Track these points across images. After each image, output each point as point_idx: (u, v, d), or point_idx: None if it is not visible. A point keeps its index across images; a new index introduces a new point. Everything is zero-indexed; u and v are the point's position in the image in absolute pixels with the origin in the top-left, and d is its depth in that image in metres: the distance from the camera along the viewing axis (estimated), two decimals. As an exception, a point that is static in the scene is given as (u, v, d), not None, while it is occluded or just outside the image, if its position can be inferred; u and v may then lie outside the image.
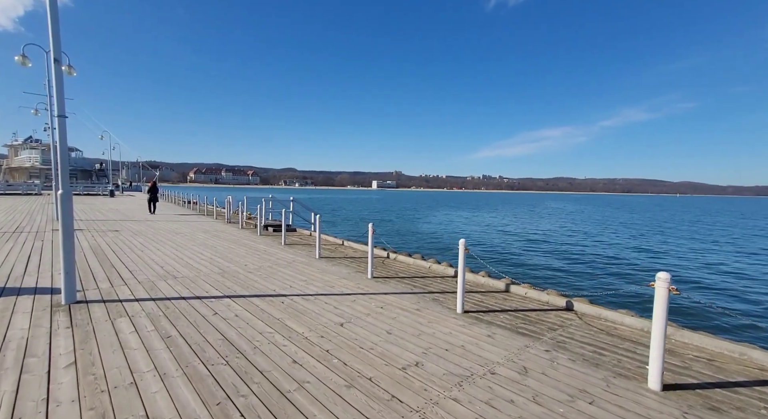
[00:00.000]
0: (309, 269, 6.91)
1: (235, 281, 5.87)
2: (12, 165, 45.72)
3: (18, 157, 46.38)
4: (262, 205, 12.16)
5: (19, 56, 12.83)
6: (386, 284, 5.99)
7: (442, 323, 4.31)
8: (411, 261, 7.72)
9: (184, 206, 22.62)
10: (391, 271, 6.94)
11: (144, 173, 53.99)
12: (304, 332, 3.92)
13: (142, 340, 3.59)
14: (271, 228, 12.25)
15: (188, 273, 6.25)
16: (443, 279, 6.41)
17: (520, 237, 22.81)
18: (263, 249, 8.89)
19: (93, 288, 5.26)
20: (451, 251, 16.85)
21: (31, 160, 43.66)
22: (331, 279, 6.22)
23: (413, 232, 24.40)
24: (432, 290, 5.71)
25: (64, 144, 4.57)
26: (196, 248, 8.67)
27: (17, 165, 44.91)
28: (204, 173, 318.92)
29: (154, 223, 13.35)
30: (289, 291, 5.39)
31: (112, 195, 31.80)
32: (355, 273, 6.66)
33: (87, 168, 48.90)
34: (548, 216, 43.21)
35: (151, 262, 7.00)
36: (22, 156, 45.53)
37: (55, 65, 4.47)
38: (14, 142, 48.05)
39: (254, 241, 10.02)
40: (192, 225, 13.22)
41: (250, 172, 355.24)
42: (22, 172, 43.83)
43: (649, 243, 21.84)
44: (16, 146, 47.55)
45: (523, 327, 4.21)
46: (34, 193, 31.92)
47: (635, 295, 9.27)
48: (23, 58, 12.94)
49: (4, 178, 43.15)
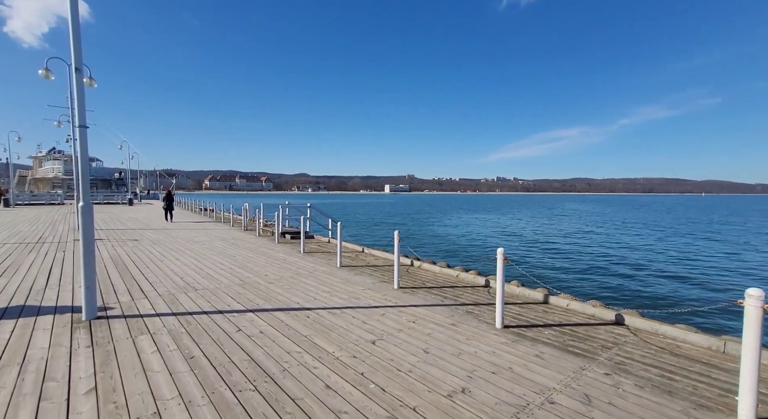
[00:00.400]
0: (332, 279, 6.64)
1: (256, 293, 5.64)
2: (36, 175, 47.29)
3: (42, 168, 47.97)
4: (279, 212, 12.01)
5: (42, 69, 13.09)
6: (414, 295, 5.67)
7: (482, 340, 3.96)
8: (437, 269, 7.38)
9: (200, 214, 22.79)
10: (417, 281, 6.62)
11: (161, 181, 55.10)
12: (335, 351, 3.63)
13: (164, 361, 3.36)
14: (289, 236, 12.08)
15: (209, 285, 6.07)
16: (474, 290, 6.05)
17: (545, 242, 22.16)
18: (282, 257, 8.69)
19: (114, 302, 5.11)
20: (475, 257, 16.42)
21: (54, 171, 45.03)
22: (356, 290, 5.93)
23: (432, 237, 24.00)
24: (464, 301, 5.37)
25: (85, 154, 4.44)
26: (215, 257, 8.53)
27: (41, 175, 46.41)
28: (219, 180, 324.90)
29: (173, 232, 13.35)
30: (313, 304, 5.12)
31: (131, 203, 32.42)
32: (380, 284, 6.36)
33: (107, 177, 50.18)
34: (570, 218, 42.14)
35: (171, 273, 6.86)
36: (46, 167, 47.05)
37: (76, 75, 4.35)
38: (38, 153, 49.77)
39: (272, 249, 9.84)
40: (210, 233, 13.18)
41: (264, 178, 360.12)
42: (46, 183, 45.23)
43: (681, 244, 20.90)
44: (40, 157, 49.22)
45: (573, 345, 3.83)
46: (57, 203, 32.81)
47: (686, 305, 8.68)
48: (46, 72, 13.19)
49: (29, 189, 44.59)
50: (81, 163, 4.39)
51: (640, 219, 42.26)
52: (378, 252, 9.35)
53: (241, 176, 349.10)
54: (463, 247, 19.40)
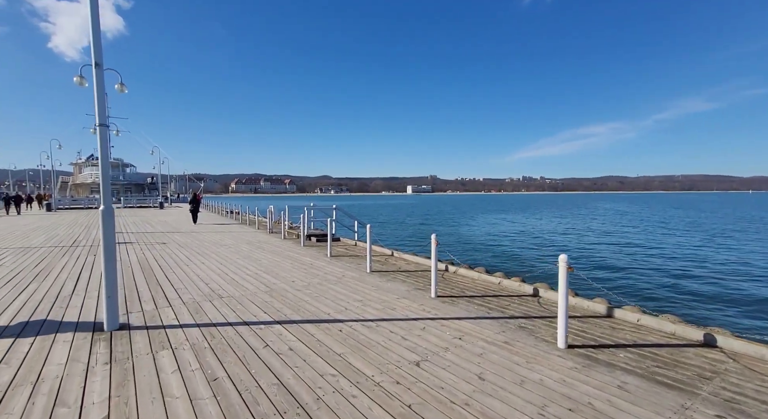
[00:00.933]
0: (362, 286, 6.19)
1: (284, 302, 5.26)
2: (76, 181, 49.88)
3: (81, 174, 50.56)
4: (305, 214, 11.72)
5: (77, 77, 13.43)
6: (455, 305, 5.12)
7: (545, 363, 3.37)
8: (475, 275, 6.78)
9: (226, 216, 23.05)
10: (455, 288, 6.05)
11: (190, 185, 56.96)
12: (374, 375, 3.15)
13: (185, 384, 2.98)
14: (315, 238, 11.77)
15: (234, 292, 5.75)
16: (521, 300, 5.42)
17: (584, 244, 20.94)
18: (309, 262, 8.33)
19: (137, 310, 4.85)
20: (512, 261, 15.59)
21: (92, 177, 47.30)
22: (390, 298, 5.44)
23: (460, 240, 23.22)
24: (513, 314, 4.76)
25: (106, 154, 4.19)
26: (240, 261, 8.28)
27: (81, 181, 48.90)
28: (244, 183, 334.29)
29: (200, 235, 13.36)
30: (345, 316, 4.67)
31: (161, 207, 33.44)
32: (415, 291, 5.84)
33: (140, 182, 52.26)
34: (606, 218, 40.05)
35: (197, 279, 6.61)
36: (85, 173, 49.54)
37: (96, 70, 4.10)
38: (78, 160, 52.53)
39: (298, 253, 9.52)
40: (235, 236, 13.08)
41: (288, 181, 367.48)
42: (85, 188, 47.57)
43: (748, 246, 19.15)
44: (80, 164, 51.91)
45: (660, 374, 3.17)
46: (94, 207, 34.25)
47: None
48: (80, 79, 13.51)
49: (69, 194, 47.03)
50: (102, 163, 4.13)
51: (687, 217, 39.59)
52: (408, 256, 8.83)
53: (265, 179, 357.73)
54: (495, 251, 18.55)
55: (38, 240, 11.93)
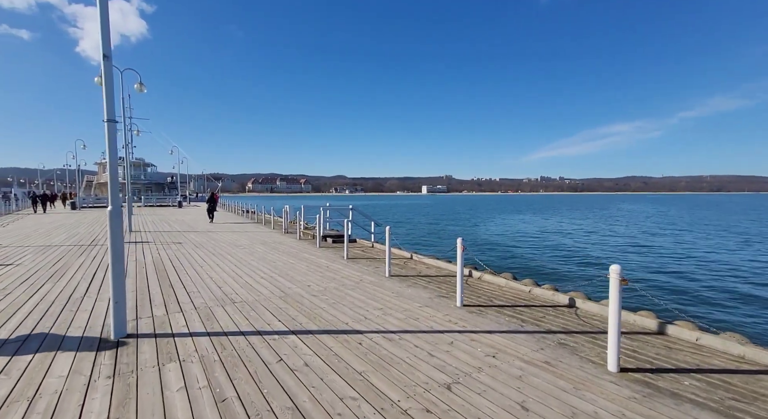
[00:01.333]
0: (381, 292, 5.82)
1: (299, 308, 4.95)
2: (101, 180, 51.42)
3: (105, 173, 52.05)
4: (321, 215, 11.46)
5: (97, 77, 13.56)
6: (484, 316, 4.69)
7: (596, 390, 2.93)
8: (502, 282, 6.32)
9: (243, 215, 23.12)
10: (481, 296, 5.61)
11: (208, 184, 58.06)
12: (401, 400, 2.78)
13: (190, 405, 2.68)
14: (330, 239, 11.49)
15: (248, 297, 5.48)
16: (556, 311, 4.95)
17: (612, 248, 20.06)
18: (325, 264, 8.03)
19: (147, 316, 4.62)
20: (536, 265, 14.96)
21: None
22: (412, 307, 5.06)
23: (482, 241, 22.61)
24: (550, 328, 4.31)
25: (114, 151, 3.96)
26: (254, 263, 8.05)
27: (104, 180, 50.33)
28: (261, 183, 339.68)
29: (215, 234, 13.29)
30: (364, 326, 4.32)
31: (180, 206, 33.98)
32: (438, 299, 5.44)
33: (160, 181, 53.47)
34: (630, 219, 38.56)
35: (210, 282, 6.39)
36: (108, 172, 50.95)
37: (104, 62, 3.88)
38: (102, 160, 54.11)
39: (314, 255, 9.24)
40: (251, 236, 12.95)
41: (303, 181, 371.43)
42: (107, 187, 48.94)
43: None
44: (103, 164, 53.46)
45: (740, 409, 2.68)
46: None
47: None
48: (101, 79, 13.62)
49: (94, 193, 48.50)
50: (110, 161, 3.91)
51: (719, 220, 37.69)
52: (429, 259, 8.42)
53: (281, 179, 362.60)
54: (518, 254, 17.89)
55: (59, 238, 12.07)
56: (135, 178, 49.82)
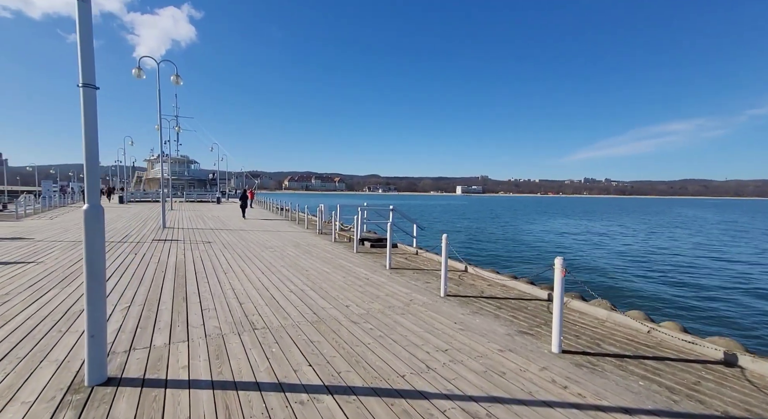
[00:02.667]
0: (440, 320, 4.48)
1: (336, 343, 3.72)
2: (149, 176, 54.08)
3: (153, 169, 54.72)
4: (359, 216, 10.28)
5: (135, 69, 13.28)
6: (602, 375, 3.20)
7: None
8: (602, 313, 4.73)
9: (277, 213, 22.64)
10: (582, 336, 4.09)
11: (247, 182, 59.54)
12: None
13: None
14: (369, 244, 10.29)
15: (272, 320, 4.34)
16: (709, 371, 3.35)
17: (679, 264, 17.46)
18: (364, 275, 6.80)
19: (143, 345, 3.59)
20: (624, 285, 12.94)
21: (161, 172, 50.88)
22: (488, 350, 3.67)
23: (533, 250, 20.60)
24: (728, 411, 2.75)
25: (91, 121, 2.87)
26: (284, 271, 6.99)
27: (152, 176, 52.90)
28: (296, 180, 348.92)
29: (247, 234, 12.54)
30: (429, 383, 2.99)
31: (218, 202, 34.49)
32: (521, 338, 4.00)
33: (202, 178, 55.33)
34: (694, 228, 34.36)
35: (230, 295, 5.35)
36: (156, 168, 53.50)
37: (79, 3, 2.82)
38: (151, 156, 56.97)
39: (351, 262, 8.06)
40: (283, 236, 12.05)
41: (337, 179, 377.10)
42: (156, 182, 51.28)
43: None
44: (152, 160, 56.27)
45: None
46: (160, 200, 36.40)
47: None
48: (138, 71, 13.34)
49: (142, 188, 51.00)
50: (86, 135, 2.84)
51: (802, 231, 32.64)
52: (489, 273, 6.94)
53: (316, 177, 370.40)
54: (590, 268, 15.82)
55: (94, 233, 11.81)
56: (179, 174, 51.86)
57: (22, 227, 13.27)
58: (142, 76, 13.13)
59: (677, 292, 11.40)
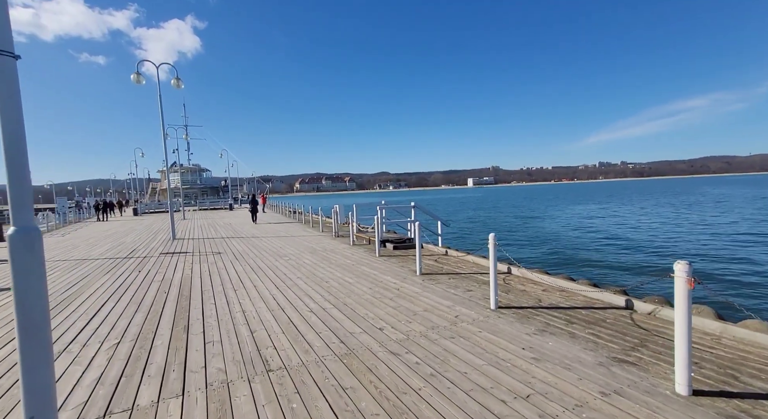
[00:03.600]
0: (503, 345, 3.50)
1: (377, 392, 2.79)
2: (162, 186, 54.39)
3: (166, 179, 55.09)
4: (379, 215, 9.34)
5: (134, 74, 12.64)
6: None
7: None
8: (713, 326, 3.67)
9: (290, 216, 21.94)
10: (710, 365, 3.06)
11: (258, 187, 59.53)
12: None
13: None
14: (391, 245, 9.35)
15: (290, 356, 3.44)
16: None
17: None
18: (393, 285, 5.87)
19: (124, 407, 2.73)
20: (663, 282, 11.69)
21: (173, 182, 51.10)
22: (587, 392, 2.67)
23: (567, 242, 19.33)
24: None
25: (10, 95, 1.99)
26: (302, 284, 6.12)
27: (164, 186, 53.16)
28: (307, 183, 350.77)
29: (259, 241, 11.77)
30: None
31: (231, 208, 34.15)
32: (618, 368, 2.99)
33: (215, 185, 55.39)
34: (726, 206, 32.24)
35: (240, 320, 4.49)
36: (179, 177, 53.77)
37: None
38: (164, 167, 57.34)
39: (376, 268, 7.14)
40: (297, 242, 11.23)
41: (347, 179, 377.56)
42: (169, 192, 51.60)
43: None
44: (165, 170, 56.64)
45: None
46: (175, 210, 36.27)
47: None
48: (137, 76, 12.70)
49: (156, 198, 51.33)
50: (4, 126, 1.95)
51: None
52: (537, 274, 5.91)
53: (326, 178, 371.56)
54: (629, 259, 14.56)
55: (101, 249, 11.23)
56: (191, 183, 52.01)
57: (31, 246, 12.83)
58: (141, 81, 12.48)
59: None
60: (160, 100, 12.89)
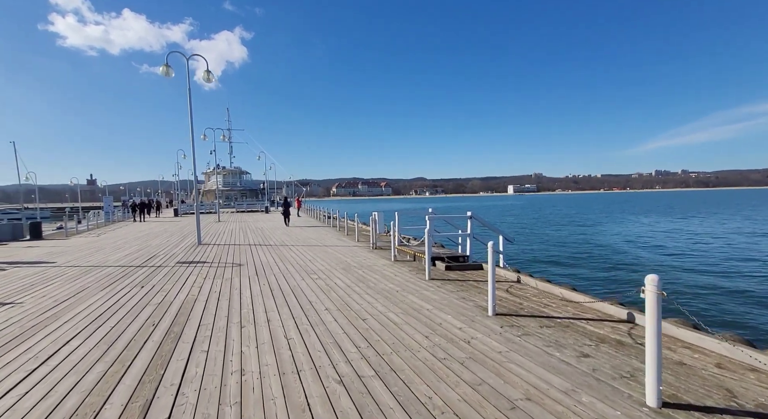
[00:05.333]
0: None
1: None
2: (206, 188, 56.19)
3: (209, 181, 56.83)
4: (428, 228, 7.52)
5: (163, 66, 11.91)
6: None
7: None
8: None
9: (324, 221, 20.72)
10: None
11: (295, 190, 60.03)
12: None
13: None
14: (443, 264, 7.52)
15: None
16: None
17: None
18: (460, 332, 4.04)
19: None
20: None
21: (216, 184, 52.49)
22: None
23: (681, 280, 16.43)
24: None
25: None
26: (329, 319, 4.47)
27: (208, 188, 54.81)
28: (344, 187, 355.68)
29: (287, 251, 10.38)
30: None
31: (267, 211, 33.85)
32: None
33: (254, 188, 56.36)
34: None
35: (232, 392, 2.87)
36: (212, 180, 55.44)
37: None
38: (208, 170, 59.36)
39: (428, 299, 5.35)
40: (329, 254, 9.70)
41: (383, 184, 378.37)
42: (212, 194, 53.04)
43: None
44: (209, 173, 58.55)
45: None
46: (213, 212, 36.67)
47: None
48: (166, 68, 11.96)
49: (200, 200, 52.96)
50: None
51: None
52: (678, 328, 3.80)
53: (362, 182, 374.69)
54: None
55: (121, 254, 10.37)
56: (231, 185, 53.18)
57: (59, 247, 12.39)
58: (170, 74, 11.70)
59: None
60: (189, 95, 12.03)
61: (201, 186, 59.85)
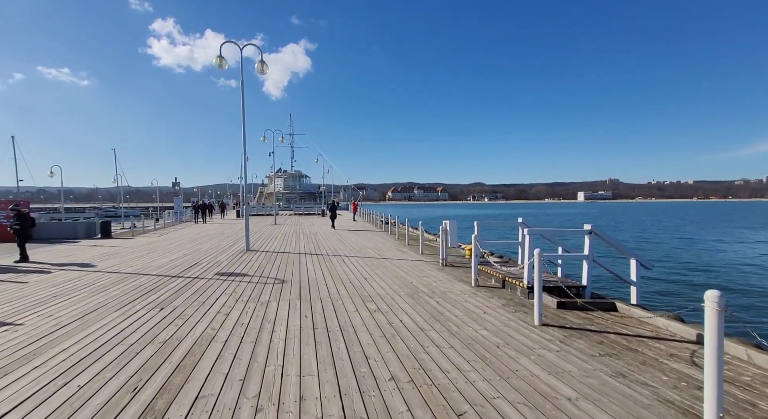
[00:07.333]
0: None
1: None
2: (267, 191, 58.43)
3: (271, 184, 59.05)
4: (527, 244, 5.32)
5: (216, 57, 11.17)
6: None
7: None
8: None
9: (380, 227, 19.12)
10: None
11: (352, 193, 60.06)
12: None
13: None
14: (552, 298, 5.27)
15: None
16: None
17: None
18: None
19: None
20: None
21: (277, 186, 54.17)
22: None
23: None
24: None
25: None
26: (398, 404, 2.57)
27: (270, 191, 56.86)
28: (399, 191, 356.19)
29: (340, 263, 8.79)
30: None
31: (323, 215, 33.34)
32: None
33: (312, 191, 57.28)
34: None
35: None
36: (274, 183, 57.52)
37: None
38: (271, 173, 61.83)
39: (550, 367, 3.22)
40: (390, 270, 7.88)
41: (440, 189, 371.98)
42: (272, 197, 54.97)
43: None
44: (271, 176, 60.97)
45: None
46: (272, 214, 37.34)
47: None
48: (220, 60, 11.21)
49: (262, 202, 55.09)
50: None
51: None
52: None
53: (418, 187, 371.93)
54: None
55: (166, 259, 9.62)
56: (291, 188, 54.50)
57: (117, 248, 12.23)
58: (224, 66, 10.92)
59: None
60: (242, 86, 11.15)
61: (264, 188, 62.51)
